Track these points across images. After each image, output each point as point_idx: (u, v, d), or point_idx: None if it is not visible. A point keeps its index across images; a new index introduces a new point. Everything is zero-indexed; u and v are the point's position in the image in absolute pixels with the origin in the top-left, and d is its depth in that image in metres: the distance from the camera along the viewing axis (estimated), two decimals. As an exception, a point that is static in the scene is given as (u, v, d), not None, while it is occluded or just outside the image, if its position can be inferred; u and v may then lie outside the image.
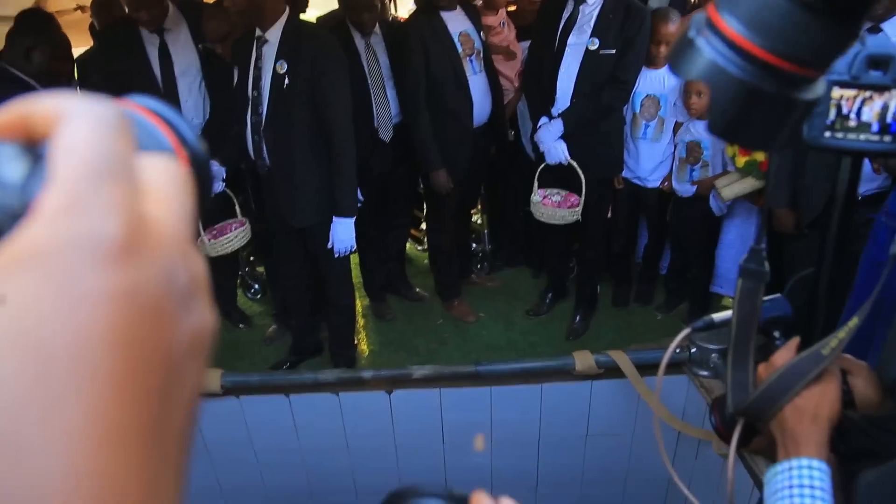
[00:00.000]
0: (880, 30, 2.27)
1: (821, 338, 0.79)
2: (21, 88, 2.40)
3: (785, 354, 0.85)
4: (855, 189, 0.71)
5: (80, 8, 4.65)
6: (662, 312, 3.55)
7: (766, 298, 1.11)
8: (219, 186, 2.85)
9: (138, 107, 0.27)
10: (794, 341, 0.86)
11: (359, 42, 3.09)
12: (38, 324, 0.19)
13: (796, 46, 0.38)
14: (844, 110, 0.58)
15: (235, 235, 2.90)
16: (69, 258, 0.20)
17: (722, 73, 0.40)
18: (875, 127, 0.58)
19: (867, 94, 0.58)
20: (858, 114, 0.58)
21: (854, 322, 0.75)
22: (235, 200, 3.00)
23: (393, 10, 4.22)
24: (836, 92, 0.58)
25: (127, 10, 3.02)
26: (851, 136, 0.59)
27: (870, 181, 2.38)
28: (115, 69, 3.02)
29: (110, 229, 0.21)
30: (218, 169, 2.84)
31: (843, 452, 0.84)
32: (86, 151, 0.22)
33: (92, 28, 3.60)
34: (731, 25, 0.40)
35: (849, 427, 0.85)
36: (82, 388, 0.19)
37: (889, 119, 0.58)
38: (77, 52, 4.29)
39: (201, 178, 0.28)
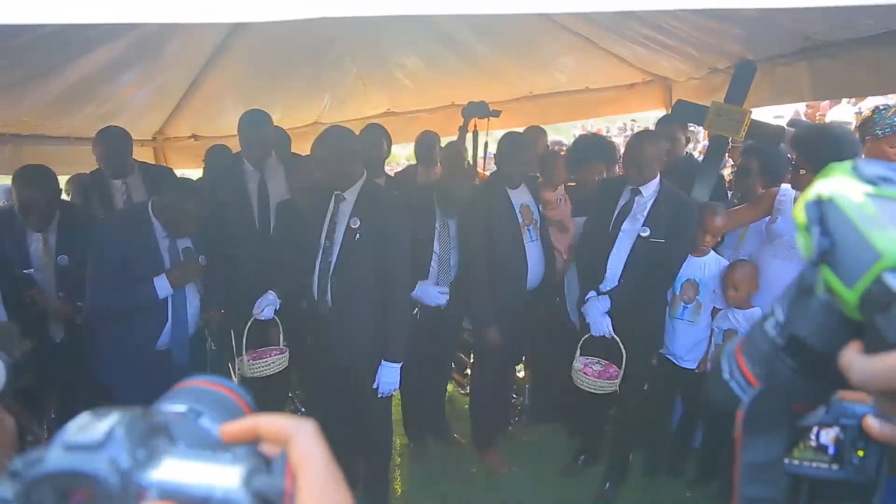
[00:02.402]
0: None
1: None
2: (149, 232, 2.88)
3: None
4: None
5: (194, 136, 5.32)
6: (692, 489, 3.55)
7: None
8: (269, 313, 3.10)
9: (215, 384, 0.48)
10: None
11: (439, 220, 3.47)
12: None
13: (792, 391, 0.57)
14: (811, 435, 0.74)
15: (273, 361, 3.14)
16: None
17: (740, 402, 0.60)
18: (832, 450, 0.73)
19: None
20: (818, 436, 0.74)
21: None
22: (280, 329, 3.24)
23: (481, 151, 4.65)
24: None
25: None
26: (806, 462, 0.74)
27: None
28: (219, 199, 3.38)
29: None
30: (273, 299, 3.11)
31: None
32: (318, 460, 0.38)
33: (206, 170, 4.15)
34: (749, 369, 0.61)
35: None
36: None
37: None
38: (187, 172, 4.90)
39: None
